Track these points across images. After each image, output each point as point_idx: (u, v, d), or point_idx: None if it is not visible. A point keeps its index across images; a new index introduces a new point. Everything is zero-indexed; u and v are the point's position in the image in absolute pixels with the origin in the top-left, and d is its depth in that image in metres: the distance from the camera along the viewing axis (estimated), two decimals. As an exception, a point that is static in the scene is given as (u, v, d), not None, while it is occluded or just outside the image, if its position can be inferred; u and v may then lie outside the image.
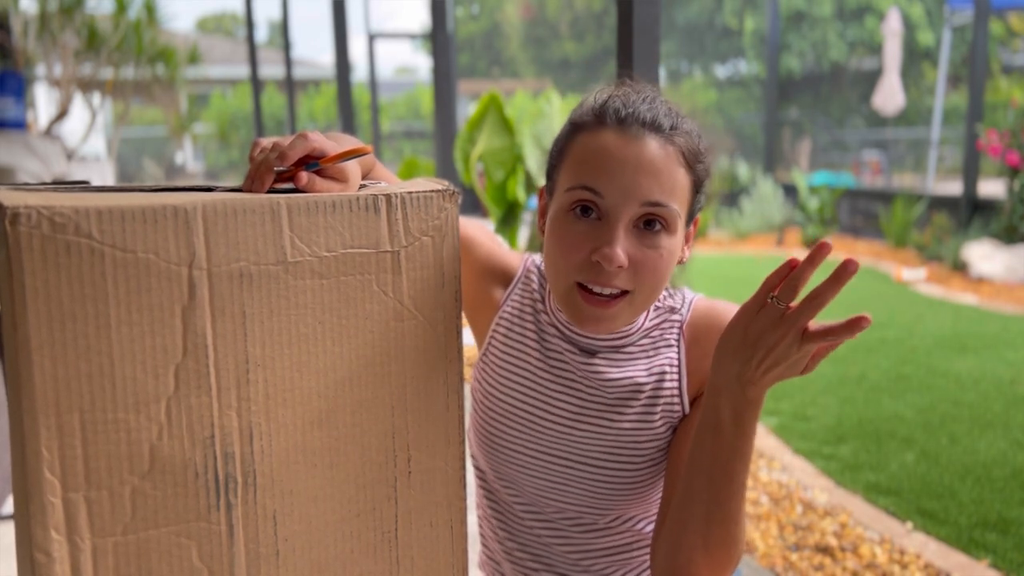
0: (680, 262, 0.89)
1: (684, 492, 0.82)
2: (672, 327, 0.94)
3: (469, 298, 1.01)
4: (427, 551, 0.78)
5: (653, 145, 0.81)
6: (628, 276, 0.82)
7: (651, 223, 0.82)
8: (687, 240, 0.89)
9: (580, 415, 0.93)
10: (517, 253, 1.04)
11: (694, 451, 0.81)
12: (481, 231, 1.02)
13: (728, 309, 0.93)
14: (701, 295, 0.97)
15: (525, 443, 0.95)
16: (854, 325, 0.68)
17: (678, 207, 0.82)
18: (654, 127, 0.82)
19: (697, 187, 0.86)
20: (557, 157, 0.89)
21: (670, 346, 0.93)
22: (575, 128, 0.87)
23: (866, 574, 2.18)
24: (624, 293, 0.83)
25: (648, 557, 0.98)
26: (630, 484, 0.92)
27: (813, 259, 0.70)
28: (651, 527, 0.97)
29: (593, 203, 0.82)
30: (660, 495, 0.95)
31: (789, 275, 0.72)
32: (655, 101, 0.85)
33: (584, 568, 0.97)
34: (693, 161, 0.84)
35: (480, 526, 1.07)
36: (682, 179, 0.83)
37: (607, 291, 0.82)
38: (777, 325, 0.72)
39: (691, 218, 0.88)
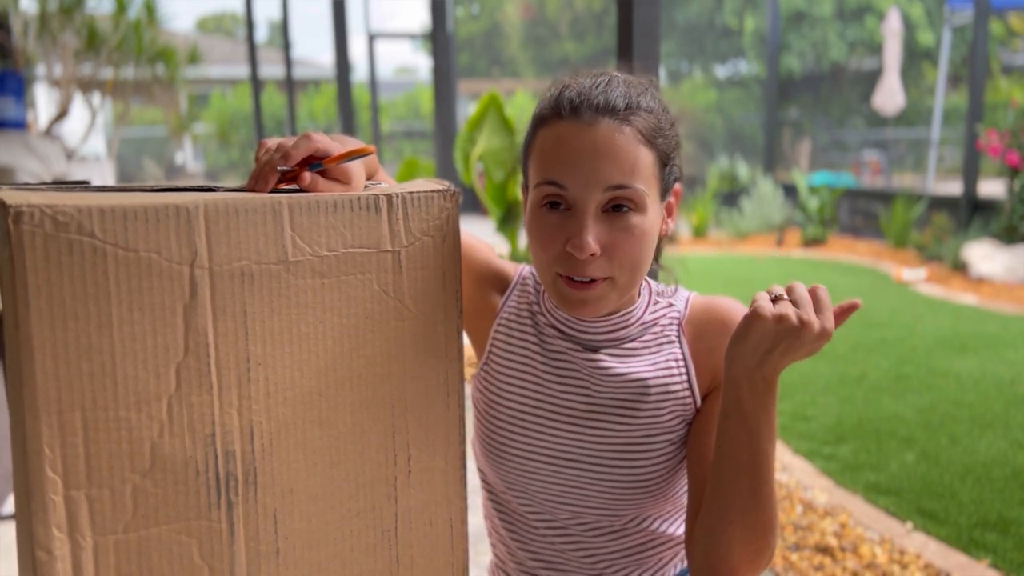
0: (664, 235, 0.91)
1: (716, 485, 0.84)
2: (671, 323, 0.95)
3: (467, 307, 1.01)
4: (427, 550, 0.78)
5: (607, 129, 0.82)
6: (604, 263, 0.83)
7: (619, 206, 0.83)
8: (669, 212, 0.90)
9: (589, 414, 0.92)
10: (512, 262, 1.05)
11: (722, 444, 0.83)
12: (476, 240, 1.03)
13: (725, 302, 0.94)
14: (695, 292, 0.98)
15: (535, 448, 0.94)
16: (849, 310, 0.80)
17: (643, 186, 0.83)
18: (607, 110, 0.83)
19: (664, 160, 0.86)
20: (525, 153, 0.91)
21: (672, 342, 0.94)
22: (537, 123, 0.88)
23: (866, 574, 2.18)
24: (605, 278, 0.84)
25: (663, 555, 0.99)
26: (645, 482, 0.92)
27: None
28: (665, 526, 0.97)
29: (560, 196, 0.83)
30: (675, 492, 0.96)
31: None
32: (610, 83, 0.85)
33: (599, 572, 0.97)
34: (653, 136, 0.84)
35: (489, 535, 1.06)
36: (644, 157, 0.83)
37: (586, 279, 0.84)
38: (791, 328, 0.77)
39: (667, 191, 0.88)
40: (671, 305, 0.96)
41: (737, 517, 0.82)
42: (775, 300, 0.79)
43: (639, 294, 0.95)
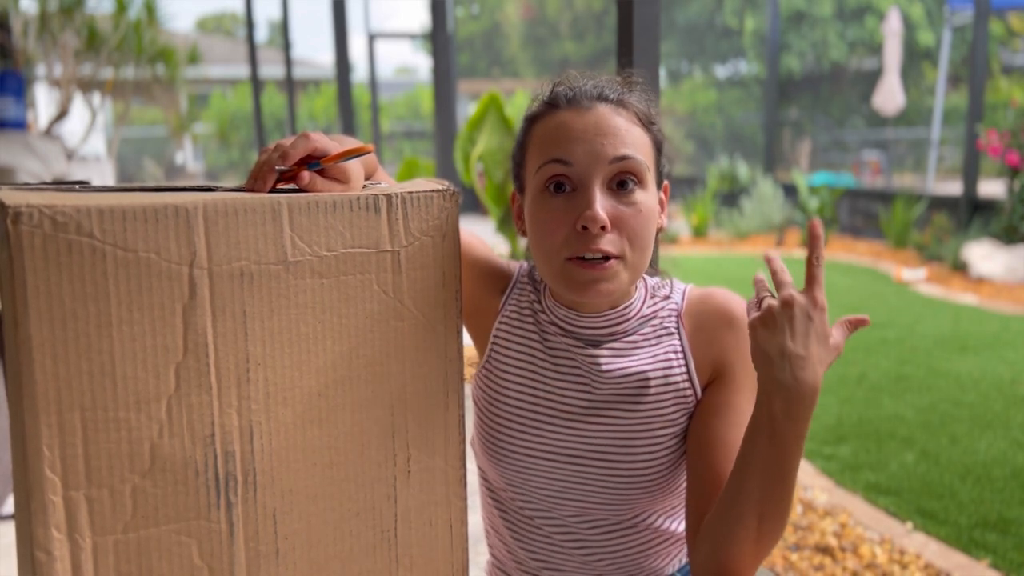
0: (660, 229, 0.92)
1: (735, 492, 0.83)
2: (669, 315, 0.95)
3: (469, 305, 1.01)
4: (426, 550, 0.78)
5: (606, 110, 0.86)
6: (615, 239, 0.84)
7: (623, 183, 0.85)
8: (662, 207, 0.92)
9: (591, 410, 0.93)
10: (510, 260, 1.05)
11: (747, 455, 0.82)
12: (476, 238, 1.03)
13: (721, 293, 0.95)
14: (691, 284, 0.99)
15: (536, 445, 0.94)
16: (813, 231, 0.80)
17: (645, 159, 0.86)
18: (603, 98, 0.87)
19: (658, 147, 0.90)
20: (520, 154, 0.93)
21: (670, 334, 0.95)
22: (531, 121, 0.91)
23: (866, 574, 2.18)
24: (617, 256, 0.85)
25: (663, 552, 0.99)
26: (648, 477, 0.92)
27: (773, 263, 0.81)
28: (667, 522, 0.97)
29: (565, 176, 0.85)
30: (678, 487, 0.96)
31: (772, 271, 0.80)
32: (599, 79, 0.91)
33: (600, 571, 0.97)
34: (647, 122, 0.89)
35: (487, 534, 1.06)
36: (641, 136, 0.87)
37: (599, 256, 0.84)
38: (796, 313, 0.78)
39: (660, 182, 0.91)
40: (668, 298, 0.97)
41: (752, 523, 0.82)
42: (760, 303, 0.80)
43: (636, 288, 0.95)
